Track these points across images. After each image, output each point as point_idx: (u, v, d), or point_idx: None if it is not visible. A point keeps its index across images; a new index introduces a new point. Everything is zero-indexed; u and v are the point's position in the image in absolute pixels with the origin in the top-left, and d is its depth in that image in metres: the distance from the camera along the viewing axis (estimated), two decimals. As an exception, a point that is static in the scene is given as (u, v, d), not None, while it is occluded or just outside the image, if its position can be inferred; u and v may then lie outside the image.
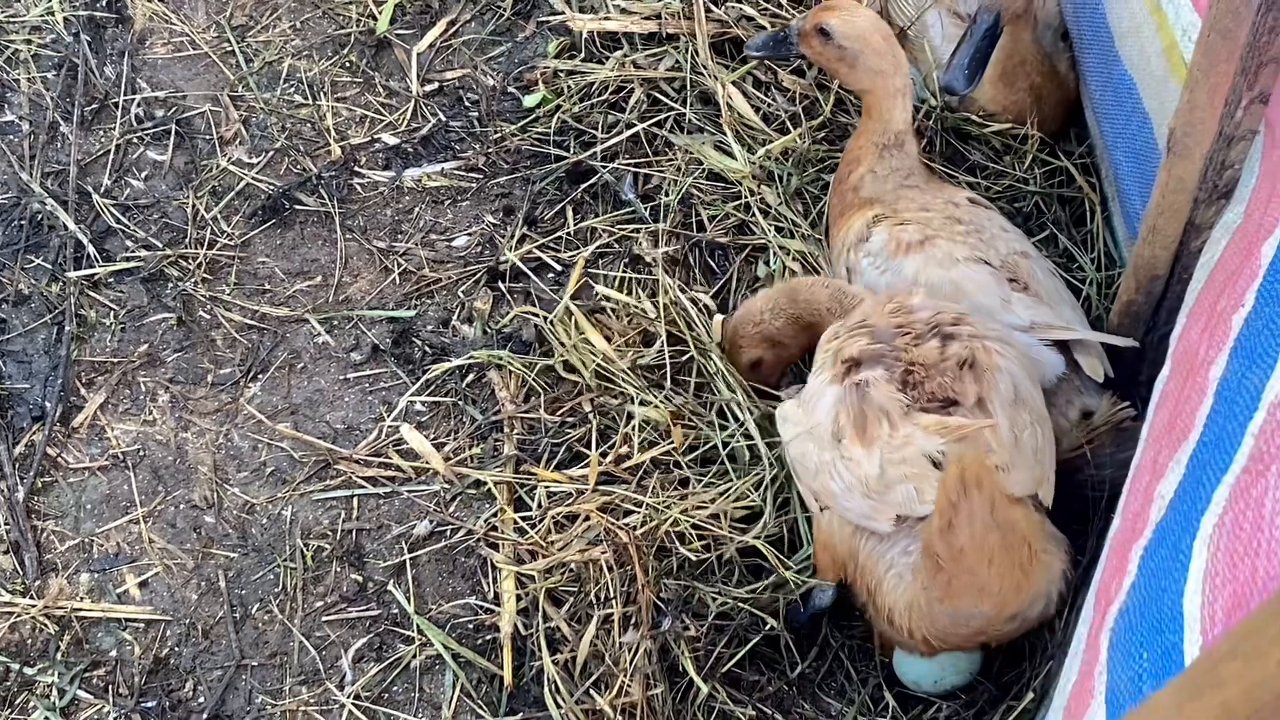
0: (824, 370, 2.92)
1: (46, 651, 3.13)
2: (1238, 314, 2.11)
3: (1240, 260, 2.31)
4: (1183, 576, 1.59)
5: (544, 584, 3.08)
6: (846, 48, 3.26)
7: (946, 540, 2.45)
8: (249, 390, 3.49)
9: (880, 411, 2.73)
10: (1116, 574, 2.01)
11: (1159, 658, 1.61)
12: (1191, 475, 1.84)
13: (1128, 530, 2.11)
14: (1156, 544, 1.82)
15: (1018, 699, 2.92)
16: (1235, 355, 1.97)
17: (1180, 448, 2.00)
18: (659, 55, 3.88)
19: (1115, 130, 3.42)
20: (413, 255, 3.68)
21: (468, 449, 3.35)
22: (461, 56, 4.05)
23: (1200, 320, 2.33)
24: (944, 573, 2.52)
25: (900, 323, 2.87)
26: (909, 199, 3.37)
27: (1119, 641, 1.77)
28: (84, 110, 3.91)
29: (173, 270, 3.64)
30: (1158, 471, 2.06)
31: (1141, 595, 1.77)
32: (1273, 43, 2.47)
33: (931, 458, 2.65)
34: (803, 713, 3.05)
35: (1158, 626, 1.63)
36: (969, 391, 2.75)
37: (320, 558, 3.24)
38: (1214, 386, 2.00)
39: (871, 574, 2.80)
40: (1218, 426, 1.83)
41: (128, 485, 3.36)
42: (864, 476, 2.70)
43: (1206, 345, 2.19)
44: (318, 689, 3.08)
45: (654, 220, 3.61)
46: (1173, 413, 2.18)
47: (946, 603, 2.58)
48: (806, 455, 2.87)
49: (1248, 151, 2.69)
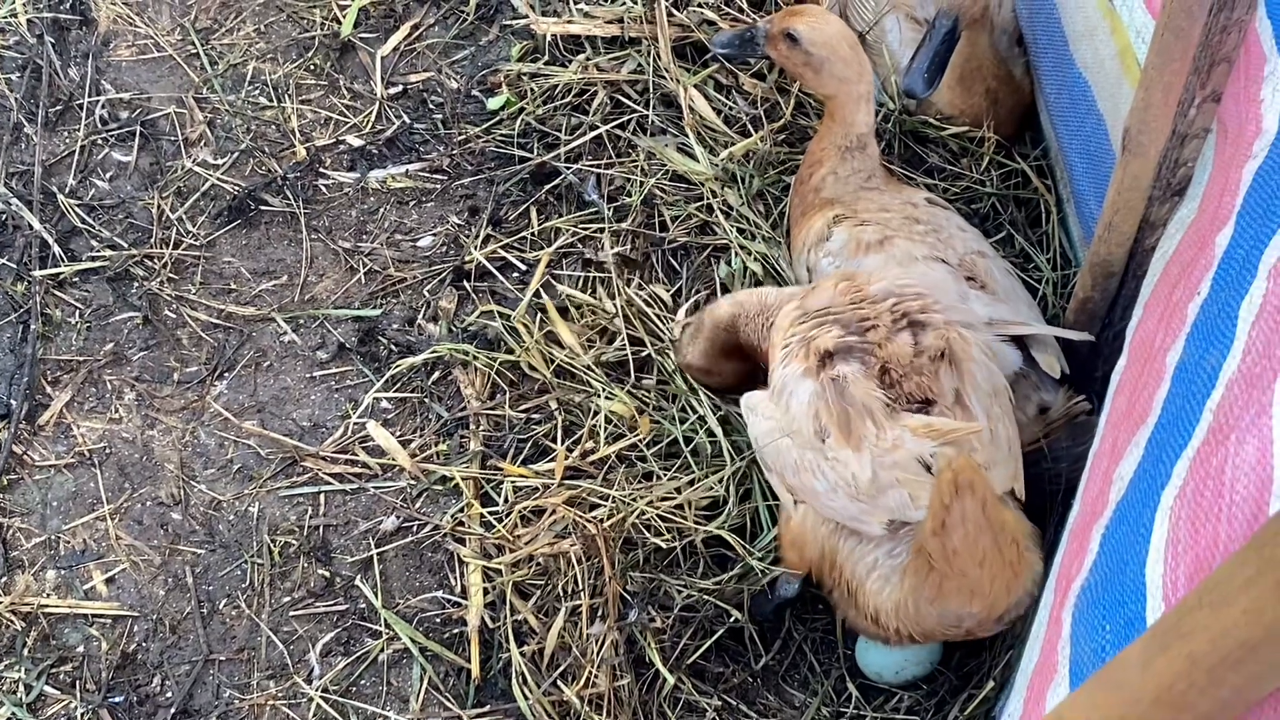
0: (793, 360, 2.93)
1: (13, 648, 3.14)
2: (1193, 302, 2.17)
3: (1195, 252, 2.37)
4: (1144, 549, 1.64)
5: (511, 577, 3.11)
6: (813, 54, 3.30)
7: (940, 542, 2.49)
8: (215, 388, 3.50)
9: (863, 410, 2.75)
10: (1077, 555, 2.06)
11: (1121, 628, 1.66)
12: (1150, 455, 1.89)
13: (1087, 513, 2.17)
14: (1117, 522, 1.88)
15: (979, 688, 2.98)
16: (1192, 339, 2.03)
17: (1139, 430, 2.05)
18: (621, 58, 3.93)
19: (1070, 132, 3.49)
20: (378, 255, 3.71)
21: (434, 446, 3.38)
22: (425, 60, 4.09)
23: (1156, 311, 2.40)
24: (936, 573, 2.55)
25: (865, 315, 2.90)
26: (869, 200, 3.43)
27: (1082, 616, 1.82)
28: (48, 111, 3.91)
29: (138, 270, 3.65)
30: (1116, 455, 2.12)
31: (1104, 571, 1.82)
32: (1225, 42, 2.54)
33: (923, 461, 2.69)
34: (767, 704, 3.09)
35: (1120, 599, 1.69)
36: (946, 389, 2.79)
37: (287, 553, 3.26)
38: (1170, 371, 2.06)
39: (851, 573, 2.82)
40: (1175, 407, 1.88)
41: (94, 483, 3.37)
42: (854, 479, 2.73)
43: (1163, 334, 2.25)
44: (285, 683, 3.10)
45: (617, 221, 3.65)
46: (1130, 399, 2.24)
47: (938, 604, 2.62)
48: (783, 451, 2.89)
49: (1200, 149, 2.76)
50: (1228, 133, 2.61)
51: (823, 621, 3.21)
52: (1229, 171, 2.48)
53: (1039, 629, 2.29)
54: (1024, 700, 2.13)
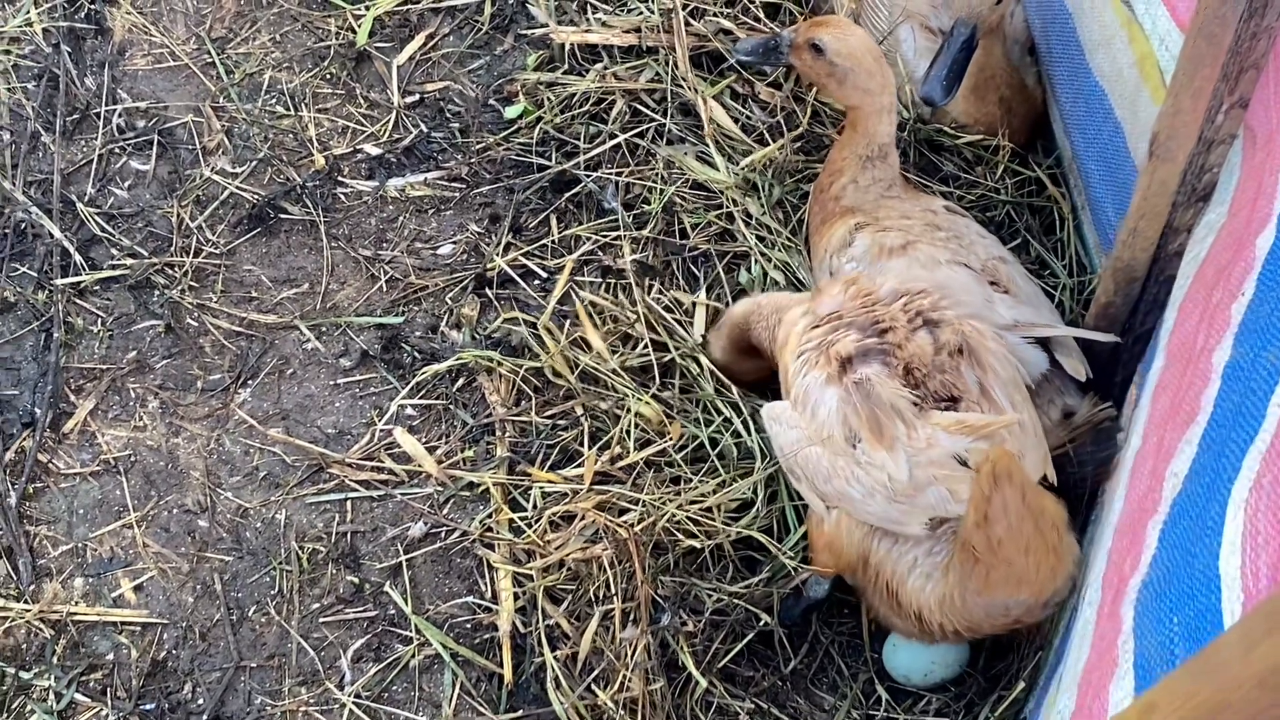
0: (812, 368, 2.96)
1: (42, 655, 3.13)
2: (1236, 303, 2.20)
3: (1231, 255, 2.41)
4: (1215, 542, 1.67)
5: (542, 582, 3.12)
6: (838, 65, 3.33)
7: (984, 533, 2.52)
8: (239, 396, 3.51)
9: (891, 410, 2.79)
10: (1130, 552, 2.09)
11: (1191, 620, 1.69)
12: (1208, 451, 1.92)
13: (1136, 510, 2.20)
14: (1176, 518, 1.91)
15: (1008, 689, 3.00)
16: (1241, 340, 2.06)
17: (1189, 429, 2.08)
18: (639, 68, 3.95)
19: (1087, 140, 3.53)
20: (399, 263, 3.72)
21: (459, 452, 3.39)
22: (441, 69, 4.11)
23: (1194, 314, 2.43)
24: (982, 565, 2.58)
25: (878, 317, 2.94)
26: (890, 208, 3.46)
27: (1146, 611, 1.85)
28: (65, 120, 3.92)
29: (159, 278, 3.66)
30: (1166, 453, 2.15)
31: (1166, 566, 1.85)
32: (1254, 48, 2.58)
33: (959, 458, 2.72)
34: (797, 707, 3.11)
35: (1189, 592, 1.71)
36: (970, 383, 2.83)
37: (315, 560, 3.27)
38: (1219, 370, 2.09)
39: (891, 574, 2.85)
40: (1232, 405, 1.92)
41: (120, 490, 3.37)
42: (891, 480, 2.76)
43: (1205, 335, 2.28)
44: (317, 689, 3.10)
45: (637, 228, 3.68)
46: (1174, 399, 2.27)
47: (986, 594, 2.64)
48: (813, 459, 2.92)
49: (1226, 155, 2.80)
50: (1256, 138, 2.65)
51: (849, 625, 3.23)
52: (1261, 176, 2.52)
53: (1085, 627, 2.31)
54: (1077, 696, 2.15)
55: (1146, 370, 2.98)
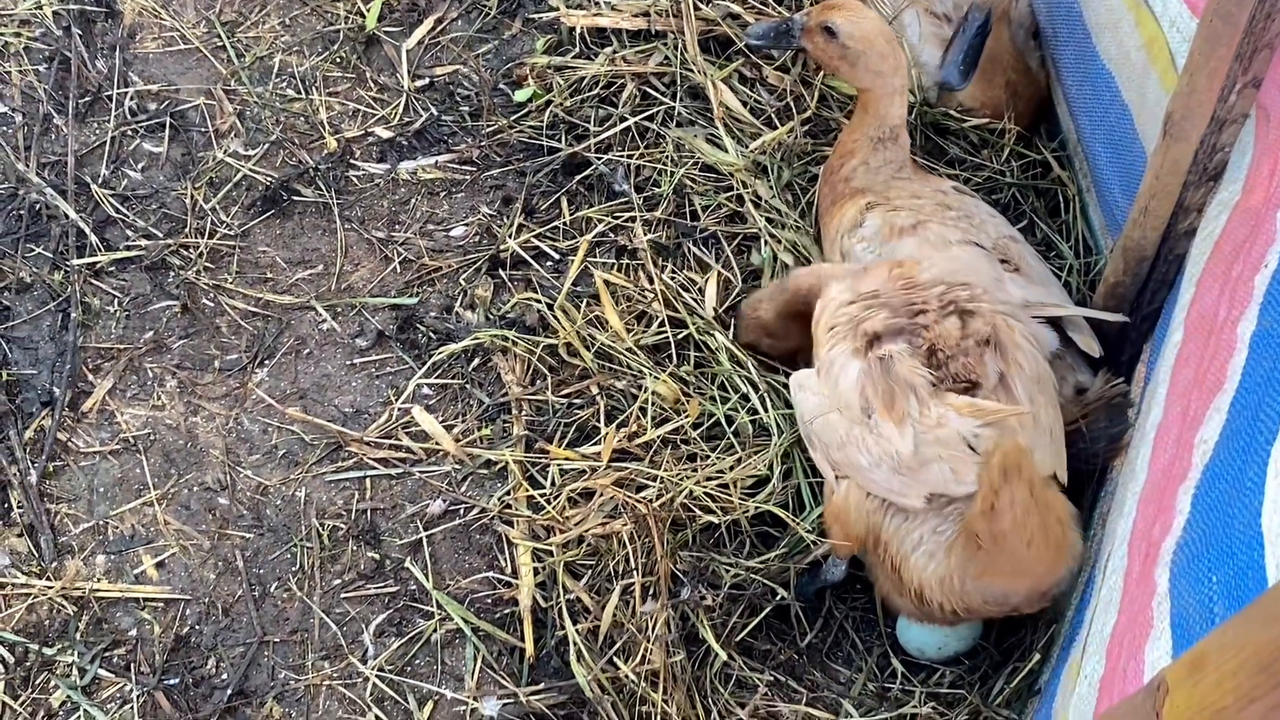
0: (841, 340, 3.00)
1: (65, 632, 3.16)
2: (1259, 275, 2.25)
3: (1249, 230, 2.46)
4: (1256, 501, 1.72)
5: (562, 557, 3.16)
6: (850, 48, 3.36)
7: (990, 523, 2.57)
8: (256, 375, 3.53)
9: (907, 386, 2.84)
10: (1159, 518, 2.14)
11: (1231, 578, 1.74)
12: (1239, 416, 1.98)
13: (1162, 478, 2.25)
14: (1211, 482, 1.96)
15: (1022, 661, 3.05)
16: (1268, 310, 2.11)
17: (1216, 397, 2.14)
18: (648, 51, 3.99)
19: (1094, 123, 3.59)
20: (412, 245, 3.75)
21: (476, 431, 3.43)
22: (450, 53, 4.13)
23: (1214, 288, 2.48)
24: (984, 553, 2.63)
25: (913, 299, 2.99)
26: (900, 188, 3.51)
27: (1182, 572, 1.90)
28: (78, 103, 3.93)
29: (174, 259, 3.68)
30: (1193, 422, 2.20)
31: (1201, 528, 1.90)
32: (1269, 28, 2.63)
33: (967, 440, 2.76)
34: (814, 680, 3.16)
35: (1228, 551, 1.76)
36: (991, 372, 2.87)
37: (336, 537, 3.30)
38: (1245, 341, 2.14)
39: (896, 549, 2.90)
40: (1264, 372, 1.97)
41: (140, 469, 3.39)
42: (896, 452, 2.81)
43: (1227, 308, 2.34)
44: (340, 663, 3.14)
45: (648, 210, 3.72)
46: (1198, 371, 2.32)
47: (984, 582, 2.70)
48: (831, 426, 2.97)
49: (1237, 135, 2.86)
50: (1270, 117, 2.70)
51: (862, 601, 3.28)
52: (1276, 152, 2.58)
53: (1111, 594, 2.36)
54: (1106, 660, 2.20)
55: (1157, 347, 3.04)
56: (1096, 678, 2.23)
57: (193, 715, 3.06)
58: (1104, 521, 2.97)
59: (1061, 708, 2.52)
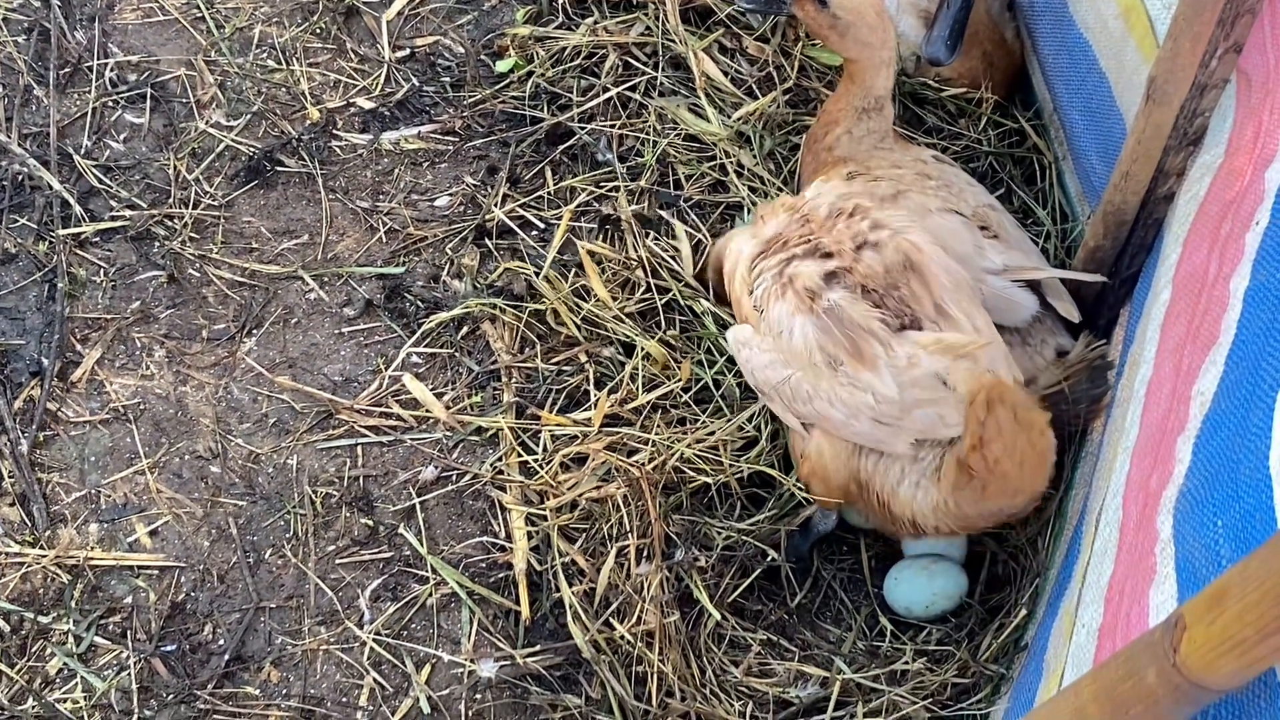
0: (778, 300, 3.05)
1: (60, 600, 3.16)
2: (1251, 232, 2.32)
3: (1237, 190, 2.52)
4: (1263, 445, 1.78)
5: (556, 521, 3.20)
6: (840, 17, 3.40)
7: (981, 455, 2.64)
8: (245, 344, 3.54)
9: (865, 331, 2.90)
10: (1157, 468, 2.20)
11: (1237, 521, 1.80)
12: (1238, 367, 2.04)
13: (1157, 431, 2.31)
14: (1212, 430, 2.02)
15: (1009, 617, 3.11)
16: (1261, 265, 2.18)
17: (1211, 350, 2.20)
18: (629, 22, 4.02)
19: (1070, 91, 3.65)
20: (396, 215, 3.77)
21: (467, 398, 3.45)
22: (430, 24, 4.15)
23: (1203, 247, 2.55)
24: (978, 481, 2.70)
25: (821, 242, 3.05)
26: (881, 158, 3.55)
27: (1186, 518, 1.96)
28: (58, 74, 3.92)
29: (159, 229, 3.68)
30: (1186, 376, 2.26)
31: (1204, 475, 1.96)
32: (1251, -6, 2.69)
33: (941, 378, 2.84)
34: (805, 639, 3.21)
35: (1233, 495, 1.82)
36: (924, 301, 2.94)
37: (329, 504, 3.32)
38: (1240, 296, 2.21)
39: (881, 485, 2.96)
40: (1261, 324, 2.03)
41: (130, 438, 3.40)
42: (877, 399, 2.87)
43: (1218, 265, 2.40)
44: (337, 628, 3.16)
45: (632, 179, 3.75)
46: (1190, 327, 2.38)
47: (982, 504, 2.77)
48: (794, 383, 3.02)
49: (1217, 100, 2.92)
50: (1251, 81, 2.77)
51: (849, 561, 3.34)
52: (1261, 116, 2.64)
53: (1106, 545, 2.42)
54: (1105, 608, 2.26)
55: (1136, 309, 3.10)
56: (1095, 626, 2.29)
57: (190, 681, 3.08)
58: (1086, 480, 3.04)
59: (1055, 658, 2.58)
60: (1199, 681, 1.58)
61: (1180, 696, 1.62)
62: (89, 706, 3.03)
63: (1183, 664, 1.59)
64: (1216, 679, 1.57)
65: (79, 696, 3.04)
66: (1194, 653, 1.58)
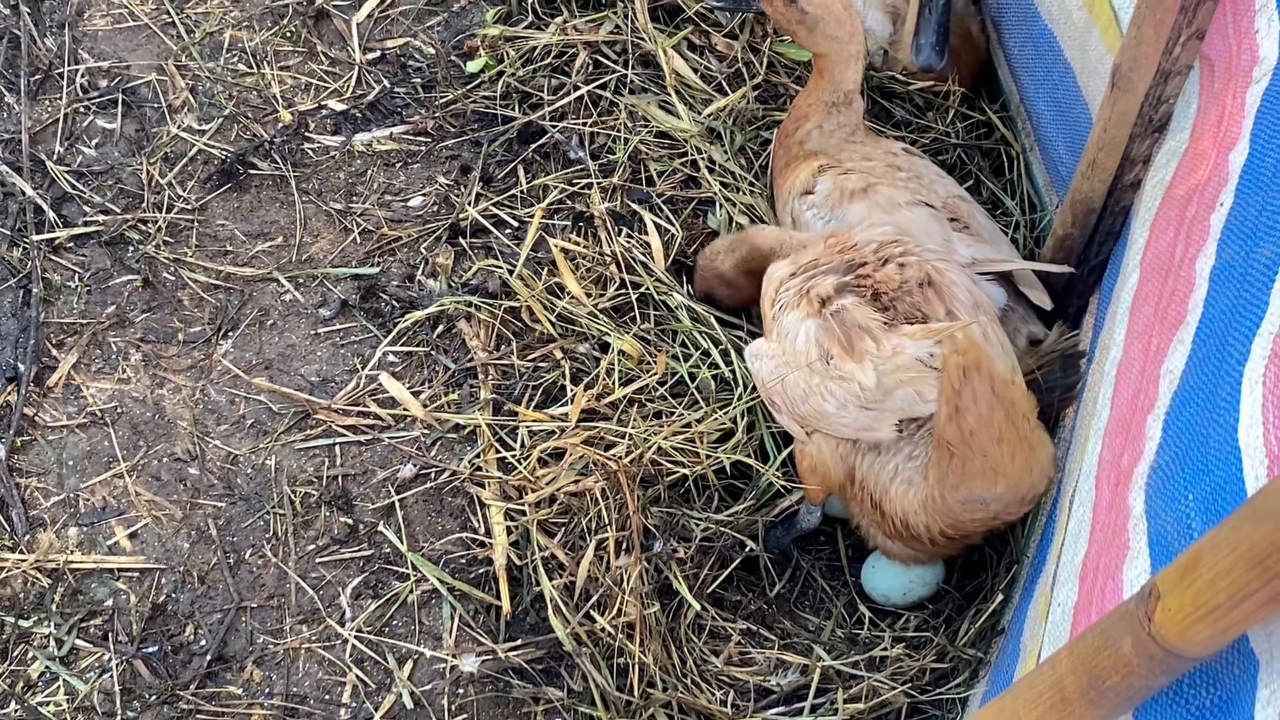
0: (792, 310, 3.10)
1: (41, 604, 3.17)
2: (1215, 214, 2.36)
3: (1202, 175, 2.56)
4: (1231, 419, 1.81)
5: (535, 516, 3.22)
6: (809, 13, 3.43)
7: (957, 425, 2.66)
8: (221, 347, 3.55)
9: (862, 330, 2.94)
10: (1127, 447, 2.24)
11: (1208, 494, 1.84)
12: (1206, 344, 2.07)
13: (1127, 410, 2.35)
14: (1180, 407, 2.06)
15: (985, 602, 3.15)
16: (1226, 245, 2.21)
17: (1178, 331, 2.24)
18: (598, 20, 4.04)
19: (1036, 82, 3.69)
20: (370, 215, 3.78)
21: (444, 396, 3.47)
22: (399, 26, 4.16)
23: (1169, 230, 2.59)
24: (957, 458, 2.72)
25: (851, 259, 3.09)
26: (852, 151, 3.59)
27: (1157, 493, 1.99)
28: (29, 80, 3.92)
29: (133, 234, 3.69)
30: (1155, 355, 2.30)
31: (1174, 450, 2.00)
32: (1213, -20, 2.74)
33: (924, 361, 2.87)
34: (784, 628, 3.24)
35: (1204, 469, 1.86)
36: (937, 307, 2.98)
37: (308, 503, 3.33)
38: (1205, 276, 2.25)
39: (875, 484, 2.99)
40: (1228, 300, 2.07)
41: (108, 441, 3.40)
42: (860, 388, 2.90)
43: (1184, 246, 2.44)
44: (319, 626, 3.17)
45: (604, 176, 3.77)
46: (1158, 308, 2.42)
47: (963, 488, 2.77)
48: (791, 385, 3.06)
49: (1181, 86, 2.96)
50: (1214, 67, 2.81)
51: (827, 551, 3.37)
52: (1224, 100, 2.68)
53: (1079, 526, 2.46)
54: (1079, 587, 2.30)
55: (1105, 295, 3.14)
56: (1070, 605, 2.32)
57: (173, 681, 3.08)
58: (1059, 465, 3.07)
59: (1031, 639, 2.61)
60: (1174, 649, 1.61)
61: (1156, 665, 1.65)
62: (72, 709, 3.04)
63: (1158, 632, 1.62)
64: (1191, 646, 1.60)
65: (61, 699, 3.05)
66: (1168, 621, 1.61)
